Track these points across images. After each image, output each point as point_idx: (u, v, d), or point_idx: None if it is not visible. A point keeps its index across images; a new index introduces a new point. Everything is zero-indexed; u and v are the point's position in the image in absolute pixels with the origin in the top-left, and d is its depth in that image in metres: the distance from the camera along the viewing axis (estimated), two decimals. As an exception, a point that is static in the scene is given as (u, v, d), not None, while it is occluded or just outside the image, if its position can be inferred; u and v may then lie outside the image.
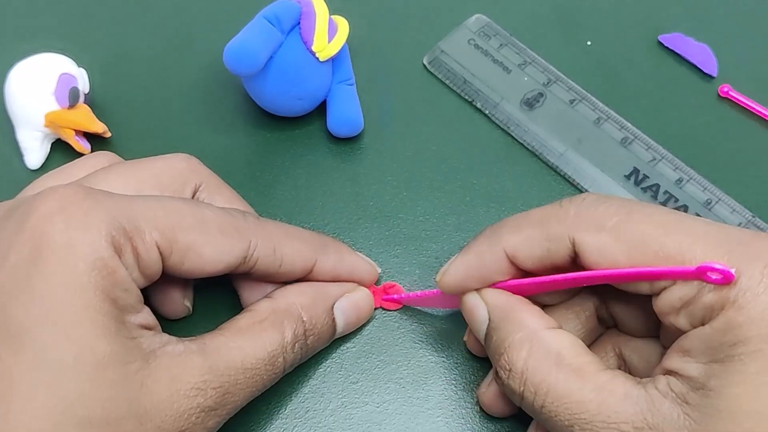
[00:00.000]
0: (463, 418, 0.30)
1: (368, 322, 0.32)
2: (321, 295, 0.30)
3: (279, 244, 0.28)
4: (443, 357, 0.32)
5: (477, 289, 0.28)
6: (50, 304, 0.23)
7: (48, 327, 0.22)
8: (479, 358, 0.31)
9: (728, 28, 0.40)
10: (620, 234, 0.24)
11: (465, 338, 0.31)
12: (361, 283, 0.32)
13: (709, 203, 0.34)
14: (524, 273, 0.28)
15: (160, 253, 0.25)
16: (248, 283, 0.30)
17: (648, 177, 0.35)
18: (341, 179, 0.36)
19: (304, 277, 0.30)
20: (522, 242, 0.26)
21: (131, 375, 0.23)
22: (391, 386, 0.31)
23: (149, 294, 0.30)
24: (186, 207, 0.26)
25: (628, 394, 0.23)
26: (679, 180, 0.35)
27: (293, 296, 0.29)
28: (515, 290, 0.27)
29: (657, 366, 0.25)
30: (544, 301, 0.29)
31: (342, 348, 0.32)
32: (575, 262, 0.26)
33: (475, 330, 0.28)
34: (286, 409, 0.30)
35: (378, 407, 0.30)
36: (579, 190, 0.35)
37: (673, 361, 0.24)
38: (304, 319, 0.28)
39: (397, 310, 0.32)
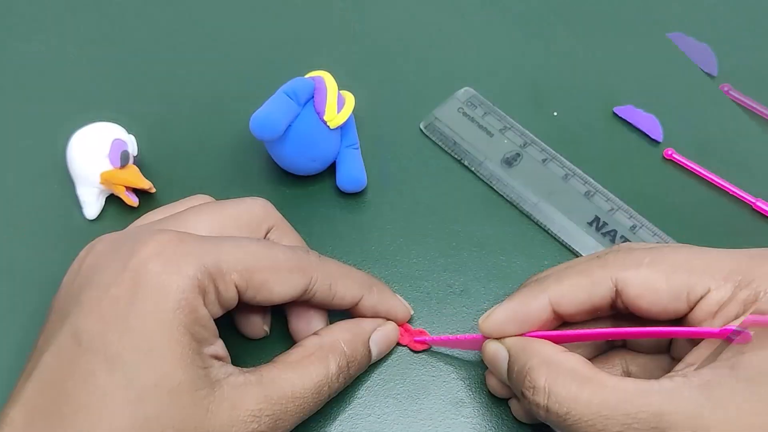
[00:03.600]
0: (449, 428, 0.32)
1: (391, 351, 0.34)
2: (360, 331, 0.31)
3: (334, 281, 0.30)
4: (434, 375, 0.33)
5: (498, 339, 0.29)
6: (141, 335, 0.24)
7: (137, 354, 0.24)
8: (466, 377, 0.33)
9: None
10: (657, 265, 0.27)
11: (486, 380, 0.32)
12: (395, 321, 0.33)
13: (658, 246, 0.35)
14: (560, 323, 0.29)
15: (237, 290, 0.27)
16: (297, 311, 0.32)
17: (607, 224, 0.37)
18: (348, 228, 0.37)
19: (351, 309, 0.32)
20: (567, 289, 0.28)
21: (200, 401, 0.25)
22: (390, 400, 0.32)
23: (236, 319, 0.33)
24: (262, 250, 0.28)
25: (642, 388, 0.25)
26: (633, 226, 0.37)
27: (337, 333, 0.31)
28: (553, 340, 0.28)
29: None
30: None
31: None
32: (613, 305, 0.28)
33: (497, 369, 0.29)
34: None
35: (379, 418, 0.32)
36: (550, 235, 0.37)
37: (692, 356, 0.25)
38: (347, 352, 0.30)
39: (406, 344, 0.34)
